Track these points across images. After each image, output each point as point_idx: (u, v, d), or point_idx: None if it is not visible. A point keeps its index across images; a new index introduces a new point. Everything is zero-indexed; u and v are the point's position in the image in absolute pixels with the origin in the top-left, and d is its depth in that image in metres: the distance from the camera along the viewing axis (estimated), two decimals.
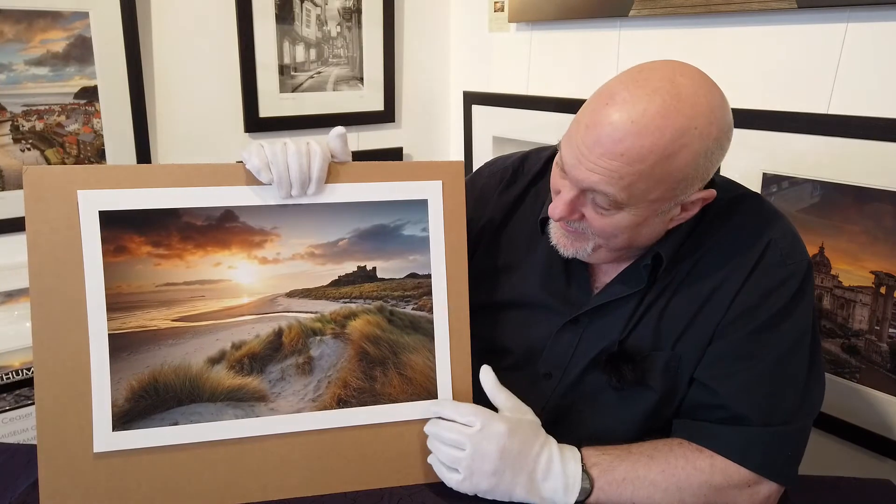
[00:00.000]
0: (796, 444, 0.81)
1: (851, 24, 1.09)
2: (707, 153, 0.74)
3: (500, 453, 0.76)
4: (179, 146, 1.54)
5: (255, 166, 0.78)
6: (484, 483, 0.76)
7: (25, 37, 1.29)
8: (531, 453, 0.77)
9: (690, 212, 0.82)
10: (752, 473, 0.78)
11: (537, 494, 0.77)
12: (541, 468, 0.77)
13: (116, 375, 0.77)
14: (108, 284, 0.77)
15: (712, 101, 0.74)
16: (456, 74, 1.93)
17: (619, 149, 0.72)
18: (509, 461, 0.76)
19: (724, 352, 0.82)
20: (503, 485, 0.76)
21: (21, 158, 1.32)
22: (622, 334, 0.86)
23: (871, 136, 1.07)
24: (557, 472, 0.77)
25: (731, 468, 0.79)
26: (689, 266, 0.85)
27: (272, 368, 0.81)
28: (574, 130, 0.77)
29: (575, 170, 0.76)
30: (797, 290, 0.82)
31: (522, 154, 1.05)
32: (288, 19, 1.61)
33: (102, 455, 0.77)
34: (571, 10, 1.51)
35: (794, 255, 0.83)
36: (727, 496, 0.78)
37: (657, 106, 0.71)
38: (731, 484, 0.78)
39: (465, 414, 0.79)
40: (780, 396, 0.80)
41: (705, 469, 0.78)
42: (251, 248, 0.81)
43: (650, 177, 0.73)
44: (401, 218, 0.85)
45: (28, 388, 1.37)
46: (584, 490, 0.76)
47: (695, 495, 0.78)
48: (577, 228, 0.83)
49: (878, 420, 1.14)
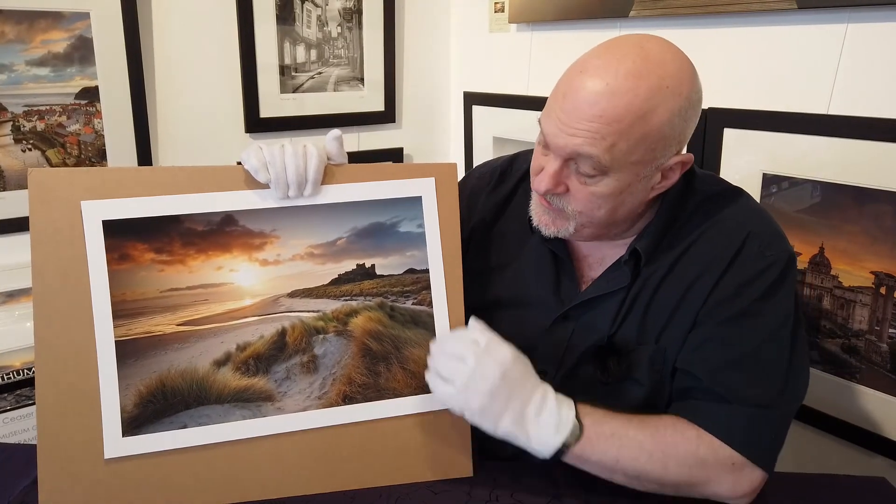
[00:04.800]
0: (777, 430, 0.81)
1: (851, 25, 1.09)
2: (681, 112, 0.78)
3: (501, 375, 0.76)
4: (180, 146, 1.54)
5: (254, 166, 0.80)
6: (476, 402, 0.76)
7: (26, 37, 1.29)
8: (528, 385, 0.77)
9: (670, 179, 0.84)
10: (736, 454, 0.78)
11: (524, 429, 0.76)
12: (535, 402, 0.77)
13: (124, 381, 0.78)
14: (113, 292, 0.78)
15: (679, 63, 0.78)
16: (456, 75, 1.94)
17: (596, 111, 0.75)
18: (507, 385, 0.76)
19: (702, 338, 0.84)
20: (494, 408, 0.76)
21: (22, 159, 1.33)
22: (611, 329, 0.88)
23: (871, 136, 1.07)
24: (551, 410, 0.76)
25: (716, 443, 0.78)
26: (672, 259, 0.86)
27: (277, 368, 0.82)
28: (551, 102, 0.81)
29: (557, 138, 0.79)
30: (775, 279, 0.82)
31: (511, 155, 1.07)
32: (289, 20, 1.61)
33: (112, 460, 0.78)
34: (572, 11, 1.51)
35: (772, 246, 0.84)
36: (711, 473, 0.78)
37: (627, 67, 0.75)
38: (716, 460, 0.78)
39: (473, 330, 0.79)
40: (759, 380, 0.81)
41: (692, 439, 0.78)
42: (252, 250, 0.82)
43: (630, 136, 0.76)
44: (397, 215, 0.86)
45: (29, 388, 1.37)
46: (574, 434, 0.76)
47: (679, 465, 0.77)
48: (558, 206, 0.84)
49: (877, 420, 1.15)
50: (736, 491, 0.79)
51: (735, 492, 0.79)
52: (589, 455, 0.77)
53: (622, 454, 0.77)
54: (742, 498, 0.79)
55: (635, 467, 0.77)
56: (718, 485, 0.78)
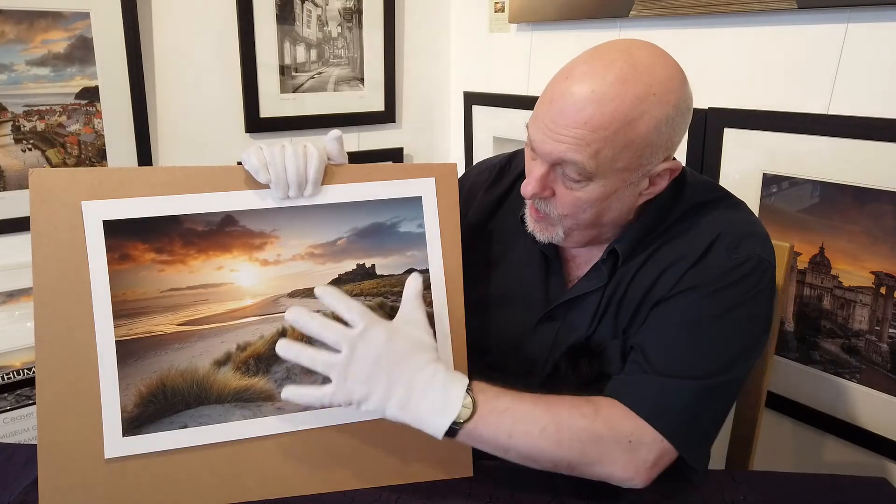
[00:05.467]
0: (698, 403, 0.78)
1: (851, 24, 1.09)
2: (668, 120, 0.77)
3: (376, 359, 0.72)
4: (180, 146, 1.54)
5: (254, 166, 0.80)
6: (358, 391, 0.72)
7: (26, 37, 1.29)
8: (411, 365, 0.74)
9: (658, 185, 0.84)
10: (636, 430, 0.76)
11: (411, 412, 0.73)
12: (420, 384, 0.73)
13: (124, 381, 0.78)
14: (114, 292, 0.78)
15: (668, 71, 0.77)
16: (456, 75, 1.94)
17: (581, 117, 0.75)
18: (385, 368, 0.73)
19: (651, 320, 0.84)
20: (376, 394, 0.73)
21: (22, 159, 1.33)
22: (590, 328, 0.88)
23: (871, 136, 1.07)
24: (437, 389, 0.73)
25: (617, 417, 0.76)
26: (645, 258, 0.87)
27: (277, 368, 0.82)
28: (539, 107, 0.81)
29: (543, 144, 0.79)
30: (737, 280, 0.81)
31: (511, 153, 1.07)
32: (289, 20, 1.61)
33: (112, 460, 0.78)
34: (572, 11, 1.51)
35: (741, 250, 0.83)
36: (604, 450, 0.75)
37: (615, 75, 0.75)
38: (612, 436, 0.75)
39: (352, 310, 0.74)
40: (688, 356, 0.79)
41: (589, 415, 0.76)
42: (252, 250, 0.82)
43: (615, 143, 0.76)
44: (397, 215, 0.86)
45: (29, 388, 1.37)
46: (465, 412, 0.73)
47: (573, 440, 0.75)
48: (544, 211, 0.85)
49: (877, 420, 1.15)
50: (628, 471, 0.75)
51: (627, 471, 0.75)
52: (482, 432, 0.74)
53: (515, 429, 0.75)
54: (634, 479, 0.76)
55: (528, 443, 0.75)
56: (612, 463, 0.75)
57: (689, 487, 0.84)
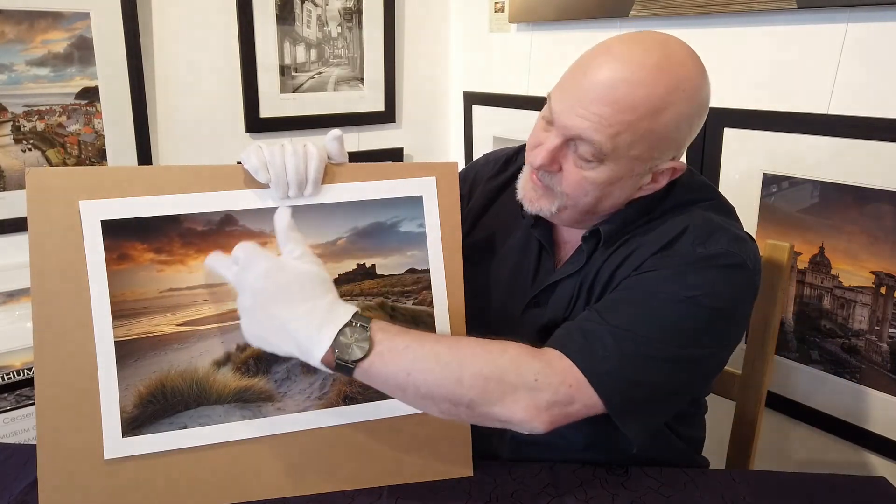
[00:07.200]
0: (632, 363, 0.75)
1: (851, 24, 1.09)
2: (689, 118, 0.78)
3: (254, 292, 0.72)
4: (180, 146, 1.54)
5: (254, 166, 0.79)
6: (246, 326, 0.73)
7: (26, 37, 1.29)
8: (300, 299, 0.72)
9: (658, 183, 0.85)
10: (546, 363, 0.73)
11: (301, 348, 0.71)
12: (314, 318, 0.71)
13: (124, 382, 0.78)
14: (113, 292, 0.78)
15: (699, 70, 0.79)
16: (456, 75, 1.94)
17: (613, 96, 0.75)
18: (265, 302, 0.71)
19: (609, 295, 0.83)
20: (264, 329, 0.72)
21: (22, 159, 1.33)
22: (565, 313, 0.89)
23: (871, 136, 1.07)
24: (331, 326, 0.71)
25: (524, 357, 0.74)
26: (618, 245, 0.87)
27: (277, 368, 0.82)
28: (568, 78, 0.80)
29: (565, 116, 0.78)
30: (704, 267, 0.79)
31: (518, 147, 1.07)
32: (289, 20, 1.61)
33: (112, 461, 0.77)
34: (572, 11, 1.51)
35: (707, 244, 0.81)
36: (507, 388, 0.72)
37: (654, 60, 0.75)
38: (517, 374, 0.72)
39: (236, 249, 0.75)
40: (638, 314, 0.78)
41: (494, 351, 0.74)
42: None
43: (636, 130, 0.76)
44: (397, 215, 0.86)
45: (29, 389, 1.37)
46: (361, 349, 0.71)
47: (474, 377, 0.72)
48: (547, 183, 0.84)
49: (877, 420, 1.15)
50: (529, 411, 0.72)
51: (528, 411, 0.72)
52: (379, 370, 0.72)
53: (415, 366, 0.72)
54: (534, 421, 0.72)
55: (427, 380, 0.72)
56: (514, 402, 0.72)
57: (689, 487, 0.84)
